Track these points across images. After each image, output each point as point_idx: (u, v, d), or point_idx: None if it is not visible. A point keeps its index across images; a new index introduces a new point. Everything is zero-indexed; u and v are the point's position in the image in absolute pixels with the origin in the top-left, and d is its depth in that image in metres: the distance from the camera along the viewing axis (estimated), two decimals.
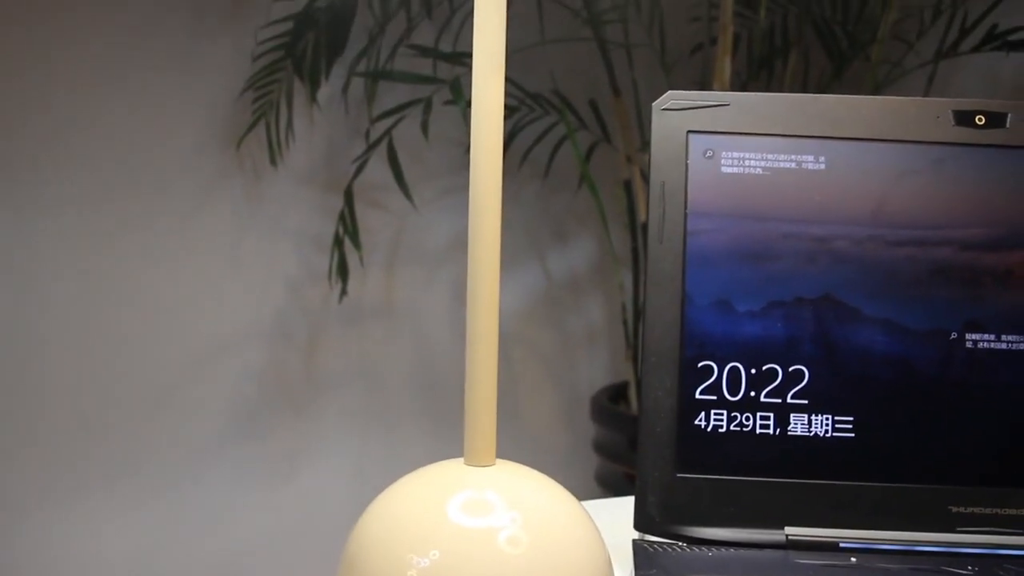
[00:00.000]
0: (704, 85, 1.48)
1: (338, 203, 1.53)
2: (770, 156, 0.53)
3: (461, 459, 0.48)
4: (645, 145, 1.45)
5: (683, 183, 0.52)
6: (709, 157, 0.53)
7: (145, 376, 1.58)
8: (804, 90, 1.48)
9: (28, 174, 1.55)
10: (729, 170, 0.53)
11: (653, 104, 0.53)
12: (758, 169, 0.53)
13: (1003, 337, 0.53)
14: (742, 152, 0.53)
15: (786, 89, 1.47)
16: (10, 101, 1.54)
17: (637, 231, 1.49)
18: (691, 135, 0.53)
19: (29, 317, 1.54)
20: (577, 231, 1.63)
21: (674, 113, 0.53)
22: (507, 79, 0.51)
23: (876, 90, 1.40)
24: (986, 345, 0.53)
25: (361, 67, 1.52)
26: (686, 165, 0.53)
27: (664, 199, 0.52)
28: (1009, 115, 0.55)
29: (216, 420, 1.60)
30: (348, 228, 1.44)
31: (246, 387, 1.61)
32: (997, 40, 1.38)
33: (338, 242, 1.46)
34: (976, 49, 1.39)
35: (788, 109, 0.54)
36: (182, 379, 1.59)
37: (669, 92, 0.53)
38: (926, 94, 1.44)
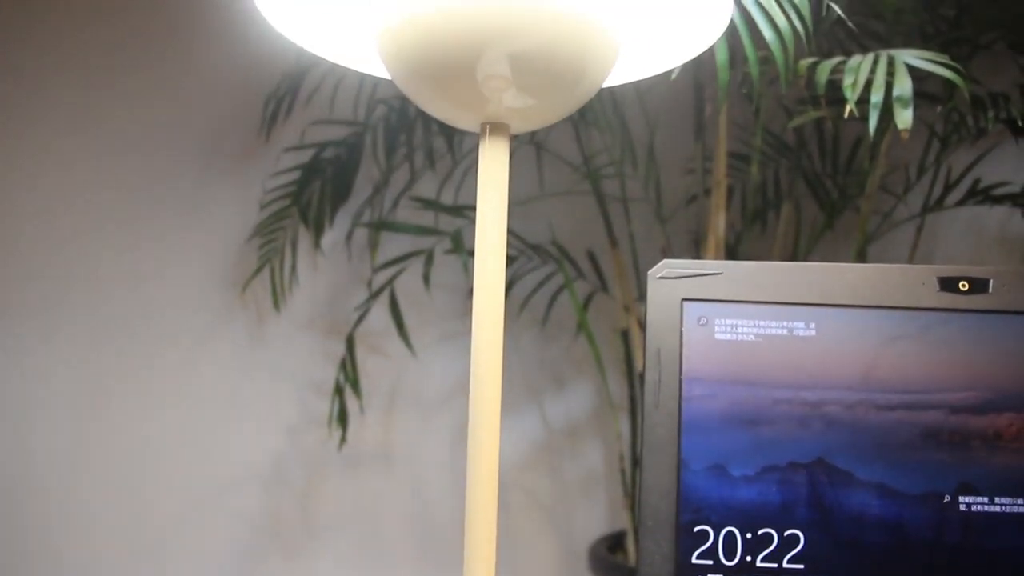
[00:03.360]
0: (699, 236, 1.52)
1: (338, 348, 1.55)
2: (762, 323, 0.55)
3: None
4: (642, 295, 1.47)
5: (678, 350, 0.54)
6: (703, 324, 0.55)
7: (141, 518, 1.56)
8: (797, 240, 1.51)
9: (32, 313, 1.57)
10: (722, 337, 0.55)
11: (648, 272, 0.55)
12: (750, 336, 0.55)
13: (996, 500, 0.53)
14: (735, 319, 0.55)
15: (779, 239, 1.50)
16: (20, 244, 1.57)
17: (634, 379, 1.50)
18: (685, 303, 0.55)
19: (26, 457, 1.54)
20: (575, 378, 1.64)
21: (669, 281, 0.55)
22: (508, 230, 0.53)
23: (867, 242, 1.43)
24: (980, 508, 0.53)
25: (365, 216, 1.55)
26: (681, 332, 0.54)
27: (660, 365, 0.54)
28: (991, 281, 0.56)
29: (211, 564, 1.58)
30: (349, 376, 1.45)
31: (242, 531, 1.59)
32: (980, 195, 1.42)
33: (339, 390, 1.47)
34: (961, 203, 1.43)
35: (778, 277, 0.56)
36: (178, 521, 1.57)
37: (664, 261, 0.55)
38: (915, 246, 1.47)
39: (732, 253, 1.49)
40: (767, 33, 0.87)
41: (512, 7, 0.49)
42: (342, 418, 1.47)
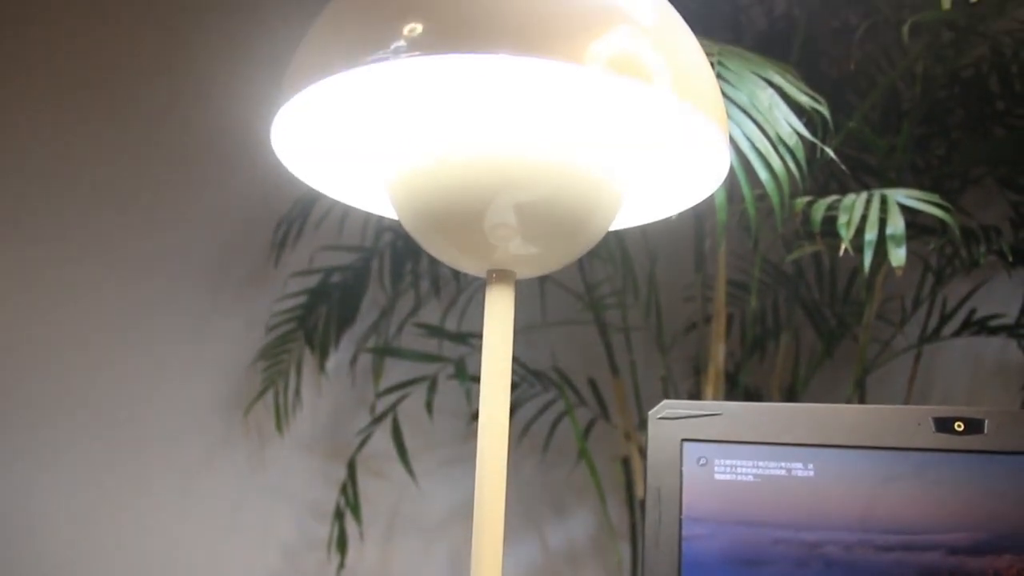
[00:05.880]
0: (699, 363, 1.53)
1: (339, 471, 1.55)
2: (761, 463, 0.56)
3: None
4: (643, 423, 1.48)
5: (678, 490, 0.55)
6: (703, 464, 0.56)
7: None
8: (796, 369, 1.53)
9: (34, 434, 1.57)
10: (722, 477, 0.56)
11: (649, 413, 0.56)
12: (749, 476, 0.56)
13: None
14: (734, 460, 0.56)
15: (779, 368, 1.52)
16: (23, 364, 1.58)
17: (635, 507, 1.50)
18: (685, 443, 0.56)
19: (24, 572, 1.53)
20: (575, 505, 1.64)
21: (669, 422, 0.57)
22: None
23: (865, 371, 1.44)
24: None
25: (370, 341, 1.57)
26: (680, 472, 0.55)
27: (660, 505, 0.55)
28: (986, 421, 0.58)
29: None
30: (350, 501, 1.45)
31: None
32: (976, 326, 1.44)
33: (339, 514, 1.46)
34: (957, 334, 1.45)
35: (776, 418, 0.57)
36: None
37: (664, 402, 0.57)
38: (913, 376, 1.48)
39: (732, 382, 1.50)
40: (763, 175, 0.90)
41: (519, 159, 0.52)
42: (341, 543, 1.46)
